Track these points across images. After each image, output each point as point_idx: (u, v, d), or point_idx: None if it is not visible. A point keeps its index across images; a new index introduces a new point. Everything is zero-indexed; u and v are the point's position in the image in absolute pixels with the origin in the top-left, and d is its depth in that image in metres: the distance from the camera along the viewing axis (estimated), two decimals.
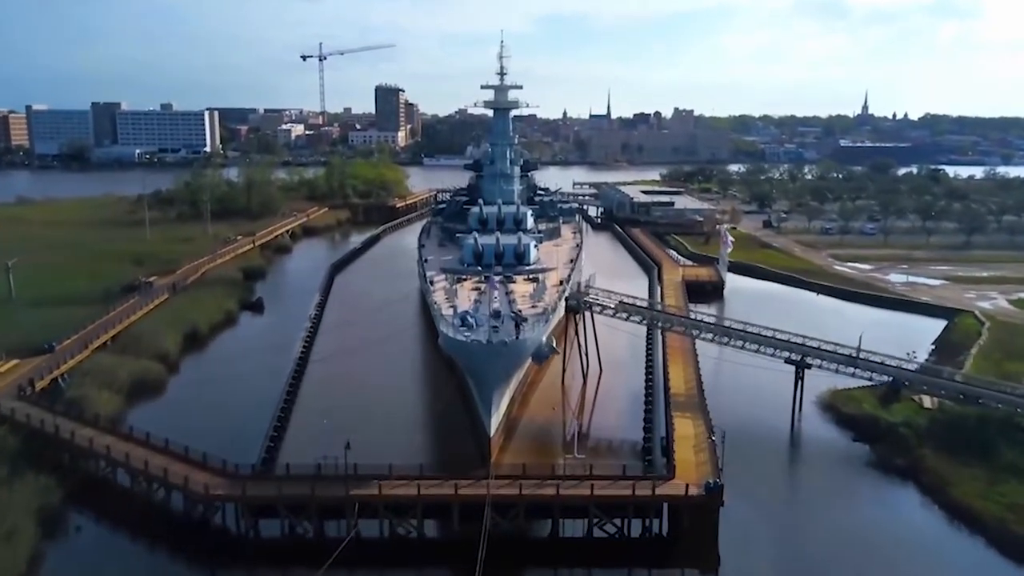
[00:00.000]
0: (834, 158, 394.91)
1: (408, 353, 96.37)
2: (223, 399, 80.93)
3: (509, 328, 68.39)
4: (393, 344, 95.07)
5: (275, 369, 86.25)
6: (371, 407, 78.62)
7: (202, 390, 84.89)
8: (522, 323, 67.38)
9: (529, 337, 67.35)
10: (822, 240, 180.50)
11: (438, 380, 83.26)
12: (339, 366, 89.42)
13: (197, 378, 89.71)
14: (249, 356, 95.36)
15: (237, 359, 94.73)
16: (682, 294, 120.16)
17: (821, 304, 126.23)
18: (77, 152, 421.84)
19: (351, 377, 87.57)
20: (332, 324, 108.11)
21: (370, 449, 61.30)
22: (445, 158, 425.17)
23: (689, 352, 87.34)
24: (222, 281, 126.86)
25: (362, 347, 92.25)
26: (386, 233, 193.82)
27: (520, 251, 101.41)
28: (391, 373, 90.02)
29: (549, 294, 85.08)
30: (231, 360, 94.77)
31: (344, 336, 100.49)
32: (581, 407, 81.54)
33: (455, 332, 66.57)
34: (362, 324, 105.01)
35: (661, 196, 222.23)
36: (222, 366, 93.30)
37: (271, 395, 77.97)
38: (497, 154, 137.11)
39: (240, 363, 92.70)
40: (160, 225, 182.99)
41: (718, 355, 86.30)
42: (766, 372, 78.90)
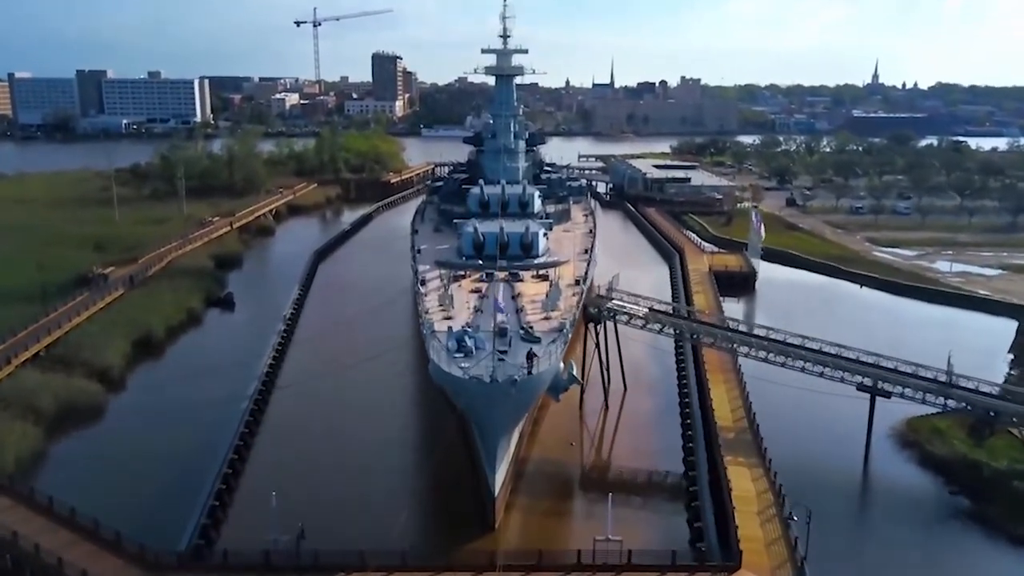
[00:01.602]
0: (847, 129, 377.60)
1: (399, 376, 78.33)
2: (162, 442, 63.41)
3: (518, 354, 54.03)
4: (381, 363, 77.52)
5: (233, 395, 70.83)
6: (345, 459, 61.74)
7: (141, 424, 68.12)
8: (535, 356, 52.53)
9: (545, 369, 52.85)
10: (853, 221, 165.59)
11: (434, 415, 65.84)
12: (310, 397, 72.13)
13: (139, 405, 73.37)
14: (207, 373, 78.57)
15: (191, 377, 78.11)
16: (711, 288, 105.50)
17: (866, 299, 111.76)
18: (61, 122, 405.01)
19: (324, 414, 70.36)
20: (309, 329, 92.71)
21: (342, 520, 47.51)
22: (444, 129, 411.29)
23: (730, 370, 72.86)
24: (189, 272, 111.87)
25: (341, 367, 76.14)
26: (379, 212, 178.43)
27: (527, 241, 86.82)
28: (375, 407, 72.81)
29: (565, 299, 70.46)
30: (184, 379, 78.30)
31: (321, 349, 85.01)
32: (602, 442, 67.26)
33: (449, 361, 51.95)
34: (345, 331, 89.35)
35: (675, 171, 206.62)
36: (172, 388, 76.59)
37: (223, 437, 62.33)
38: (499, 126, 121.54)
39: (194, 384, 76.11)
40: (133, 204, 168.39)
41: (761, 372, 69.69)
42: (824, 396, 64.62)
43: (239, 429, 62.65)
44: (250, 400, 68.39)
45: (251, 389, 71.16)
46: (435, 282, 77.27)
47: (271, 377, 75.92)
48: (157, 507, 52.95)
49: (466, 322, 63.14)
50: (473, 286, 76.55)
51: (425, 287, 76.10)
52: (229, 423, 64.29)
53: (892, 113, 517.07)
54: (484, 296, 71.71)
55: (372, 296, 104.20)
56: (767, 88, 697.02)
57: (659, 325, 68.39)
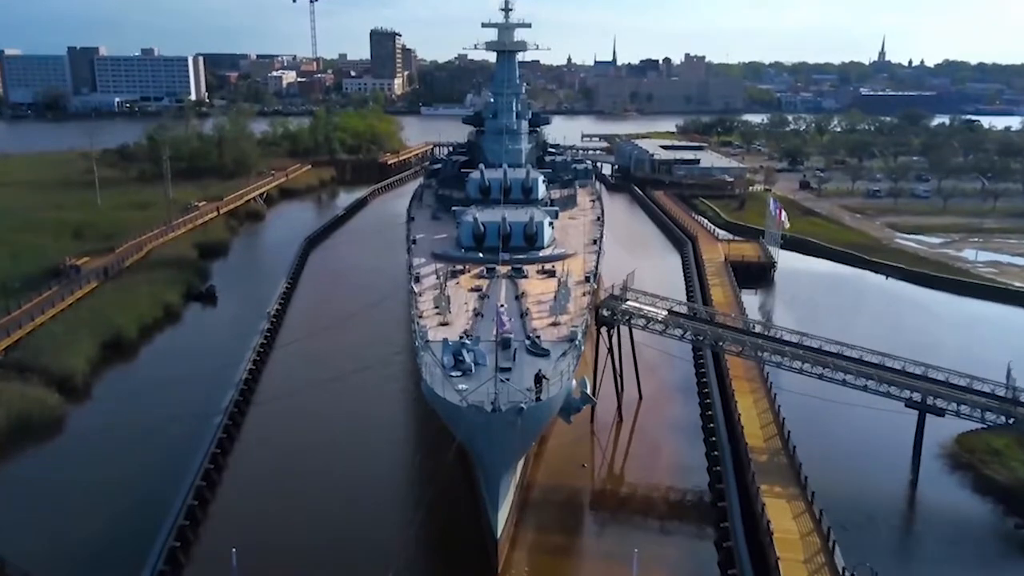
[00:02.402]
0: (856, 107, 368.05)
1: (392, 390, 69.46)
2: (122, 469, 54.60)
3: (524, 373, 46.94)
4: (372, 374, 69.73)
5: (206, 410, 62.71)
6: (329, 492, 53.19)
7: (101, 445, 59.22)
8: (544, 378, 45.39)
9: (556, 393, 45.73)
10: (871, 205, 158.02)
11: (430, 438, 55.52)
12: (291, 416, 63.94)
13: (101, 419, 64.28)
14: (180, 382, 70.58)
15: (163, 386, 69.79)
16: (730, 282, 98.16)
17: (893, 291, 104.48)
18: (52, 100, 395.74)
19: (305, 437, 61.26)
20: (295, 330, 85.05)
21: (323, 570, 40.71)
22: (444, 107, 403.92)
23: (756, 378, 65.63)
24: (169, 262, 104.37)
25: (328, 378, 68.38)
26: (375, 196, 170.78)
27: (532, 232, 79.61)
28: (364, 428, 63.86)
29: (574, 300, 63.34)
30: (155, 388, 69.97)
31: (307, 355, 77.19)
32: (616, 465, 60.25)
33: (444, 382, 44.74)
34: (334, 333, 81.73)
35: (683, 152, 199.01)
36: (140, 399, 67.87)
37: (190, 464, 54.10)
38: (501, 106, 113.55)
39: (166, 395, 67.77)
40: (118, 187, 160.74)
41: (788, 380, 62.57)
42: (860, 410, 57.69)
43: (203, 465, 53.88)
44: (219, 426, 59.73)
45: (227, 401, 63.78)
46: (431, 278, 70.02)
47: (249, 389, 68.17)
48: (104, 555, 45.98)
49: (464, 329, 56.11)
50: (473, 283, 69.50)
51: (419, 285, 68.90)
52: (198, 448, 56.68)
53: (900, 91, 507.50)
54: (485, 296, 64.69)
55: (365, 290, 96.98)
56: (772, 66, 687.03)
57: (680, 331, 61.05)
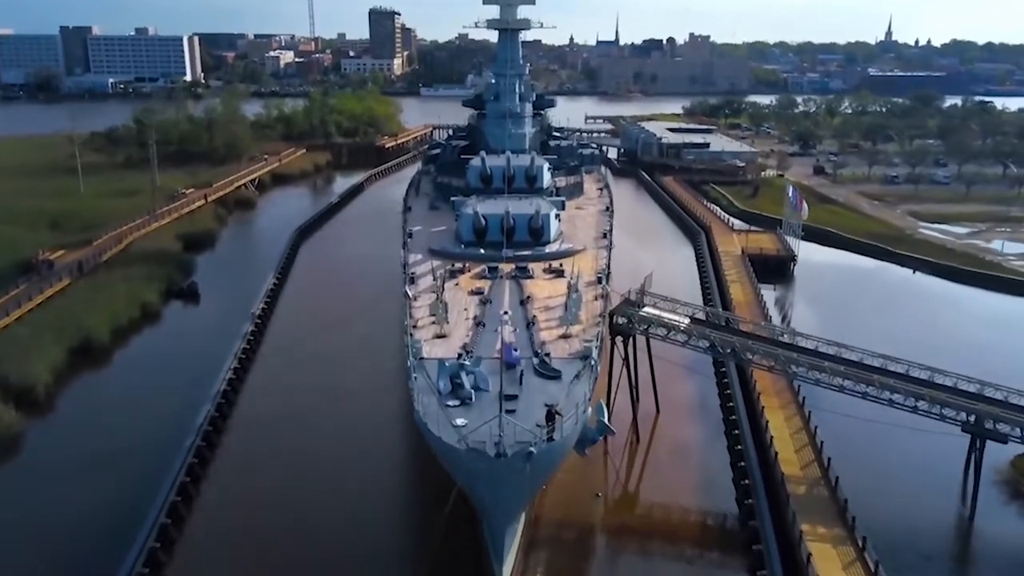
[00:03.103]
0: (864, 88, 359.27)
1: (388, 413, 59.43)
2: (79, 501, 48.64)
3: (532, 402, 40.67)
4: (365, 391, 62.99)
5: (178, 431, 55.96)
6: (309, 546, 45.22)
7: (58, 471, 52.49)
8: (558, 413, 39.03)
9: (570, 432, 39.37)
10: (889, 191, 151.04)
11: (428, 475, 46.81)
12: (271, 443, 56.15)
13: (62, 440, 57.97)
14: (152, 394, 63.54)
15: (132, 401, 62.68)
16: (749, 278, 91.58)
17: (922, 286, 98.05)
18: (44, 81, 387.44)
19: (285, 478, 52.16)
20: (282, 333, 78.58)
21: None
22: (444, 88, 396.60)
23: (785, 390, 59.41)
24: (150, 256, 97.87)
25: (316, 394, 62.01)
26: (371, 182, 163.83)
27: (537, 225, 73.24)
28: (352, 460, 54.99)
29: (586, 306, 56.98)
30: (124, 402, 62.92)
31: (294, 366, 70.05)
32: (635, 495, 53.81)
33: (439, 419, 38.29)
34: (325, 337, 75.35)
35: (692, 135, 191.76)
36: (106, 416, 60.50)
37: (155, 499, 47.55)
38: (503, 87, 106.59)
39: (134, 411, 60.54)
40: (103, 173, 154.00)
41: (818, 396, 55.60)
42: (904, 431, 51.28)
43: (168, 498, 47.32)
44: (190, 449, 53.14)
45: (201, 419, 57.39)
46: (427, 278, 63.69)
47: (227, 402, 61.56)
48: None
49: (463, 343, 49.82)
50: (473, 284, 63.15)
51: (415, 287, 62.53)
52: (164, 478, 50.10)
53: (908, 72, 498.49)
54: (487, 301, 58.37)
55: (359, 286, 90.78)
56: (776, 46, 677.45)
57: (704, 342, 54.62)
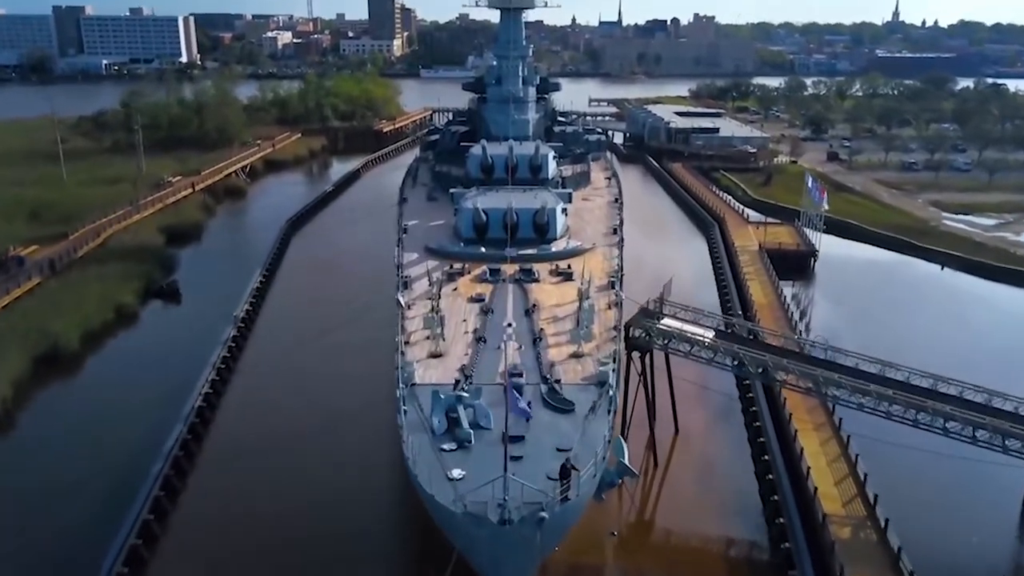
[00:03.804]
0: (872, 70, 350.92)
1: (380, 446, 50.53)
2: (35, 541, 43.24)
3: (541, 447, 34.89)
4: (353, 426, 55.40)
5: (144, 458, 49.77)
6: None
7: (10, 506, 46.72)
8: (574, 469, 33.09)
9: (586, 490, 33.41)
10: (908, 179, 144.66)
11: (422, 530, 39.55)
12: (243, 482, 49.29)
13: (17, 468, 51.49)
14: (117, 415, 57.24)
15: (96, 421, 56.54)
16: (768, 275, 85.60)
17: (952, 284, 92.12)
18: (38, 63, 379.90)
19: (257, 526, 45.18)
20: (266, 341, 72.36)
21: None
22: (445, 69, 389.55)
23: (817, 408, 53.66)
24: (129, 251, 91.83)
25: (299, 427, 55.18)
26: (368, 168, 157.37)
27: (542, 221, 67.40)
28: (337, 505, 46.71)
29: (600, 317, 51.07)
30: (88, 421, 56.75)
31: (277, 382, 63.44)
32: (655, 534, 47.90)
33: (431, 475, 32.30)
34: (313, 346, 69.43)
35: (700, 119, 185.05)
36: (67, 438, 54.54)
37: (113, 540, 41.69)
38: (505, 71, 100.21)
39: (99, 433, 54.53)
40: (89, 159, 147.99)
41: (853, 418, 47.96)
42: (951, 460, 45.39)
43: (128, 541, 41.56)
44: (157, 478, 47.25)
45: (170, 444, 51.42)
46: (422, 282, 57.74)
47: (201, 423, 55.49)
48: None
49: (462, 365, 44.06)
50: (473, 289, 57.37)
51: (409, 292, 56.69)
52: (124, 520, 44.08)
53: (916, 53, 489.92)
54: (489, 311, 52.57)
55: (352, 287, 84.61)
56: (781, 27, 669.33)
57: (732, 360, 48.64)
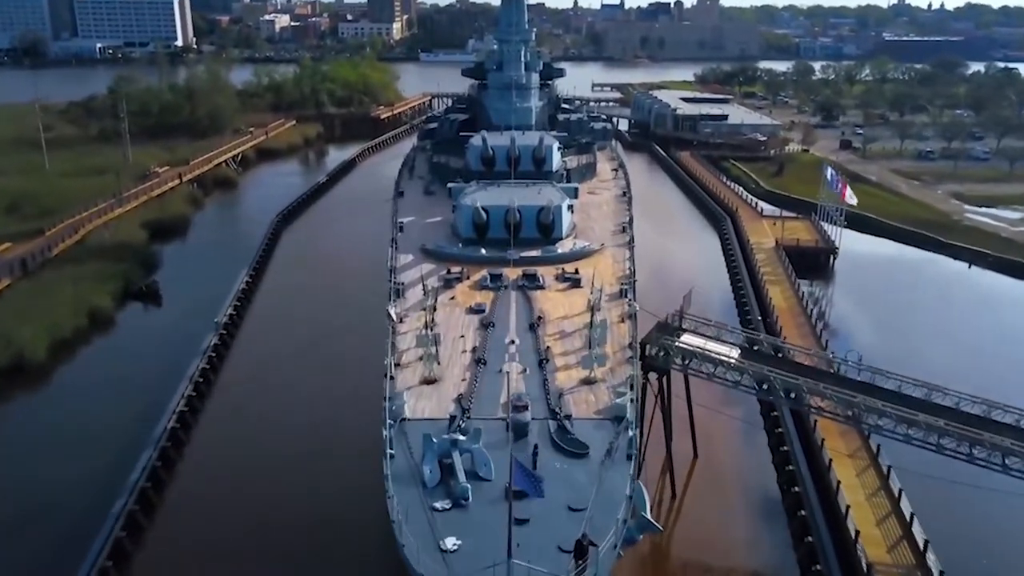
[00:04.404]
0: (879, 54, 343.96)
1: (365, 492, 41.14)
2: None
3: (551, 501, 29.92)
4: (337, 466, 49.03)
5: (113, 482, 45.29)
6: None
7: None
8: (591, 544, 27.88)
9: (606, 563, 28.42)
10: (925, 168, 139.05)
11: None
12: (219, 528, 43.73)
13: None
14: (87, 436, 52.22)
15: (60, 447, 51.31)
16: (787, 276, 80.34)
17: (982, 284, 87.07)
18: (30, 46, 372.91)
19: None
20: (249, 352, 66.80)
21: None
22: (445, 53, 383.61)
23: (849, 431, 48.48)
24: (108, 249, 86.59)
25: (276, 465, 49.38)
26: (365, 157, 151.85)
27: (547, 220, 62.38)
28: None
29: (612, 332, 45.89)
30: (52, 445, 51.66)
31: (255, 411, 56.95)
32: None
33: (419, 541, 27.27)
34: (301, 359, 64.00)
35: (708, 106, 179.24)
36: (29, 465, 49.50)
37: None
38: (507, 56, 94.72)
39: (63, 457, 49.75)
40: (75, 147, 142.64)
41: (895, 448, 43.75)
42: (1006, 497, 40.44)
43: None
44: (118, 517, 42.16)
45: (136, 476, 46.41)
46: (416, 291, 52.66)
47: (173, 447, 50.25)
48: None
49: (458, 394, 39.02)
50: (472, 298, 52.27)
51: (401, 303, 51.56)
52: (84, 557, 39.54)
53: (923, 36, 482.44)
54: (490, 324, 47.46)
55: (345, 290, 78.99)
56: (786, 9, 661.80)
57: (760, 384, 43.39)
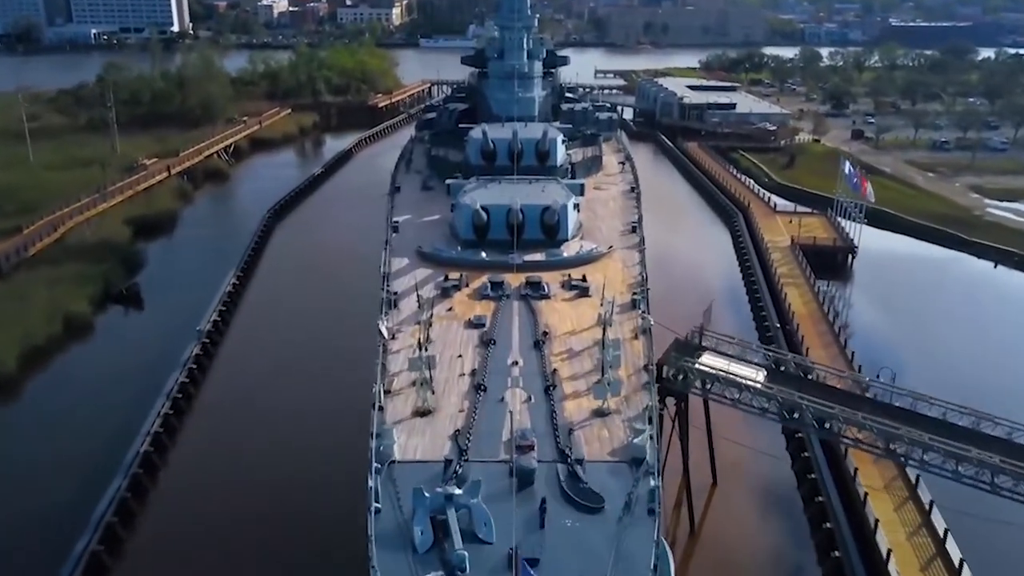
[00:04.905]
0: (887, 39, 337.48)
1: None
2: None
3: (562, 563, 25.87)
4: (317, 517, 44.27)
5: (77, 515, 41.10)
6: None
7: None
8: None
9: None
10: (941, 160, 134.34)
11: None
12: None
13: None
14: (51, 464, 47.84)
15: (22, 480, 46.85)
16: (805, 279, 75.97)
17: (1010, 285, 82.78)
18: (24, 32, 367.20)
19: None
20: (230, 371, 61.78)
21: None
22: (445, 39, 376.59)
23: (887, 463, 43.93)
24: (89, 248, 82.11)
25: (248, 524, 44.24)
26: (361, 148, 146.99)
27: (552, 221, 58.08)
28: None
29: (626, 351, 41.61)
30: (10, 478, 47.14)
31: (237, 441, 51.65)
32: None
33: None
34: (284, 386, 58.57)
35: (715, 94, 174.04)
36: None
37: None
38: (509, 42, 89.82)
39: (26, 488, 45.49)
40: (62, 137, 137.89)
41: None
42: None
43: None
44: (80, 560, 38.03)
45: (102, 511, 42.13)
46: (411, 301, 48.30)
47: (146, 474, 45.98)
48: None
49: (455, 430, 34.77)
50: (472, 310, 47.95)
51: (395, 315, 47.28)
52: None
53: (930, 21, 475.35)
54: (490, 342, 43.16)
55: (339, 295, 74.21)
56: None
57: (791, 412, 39.07)
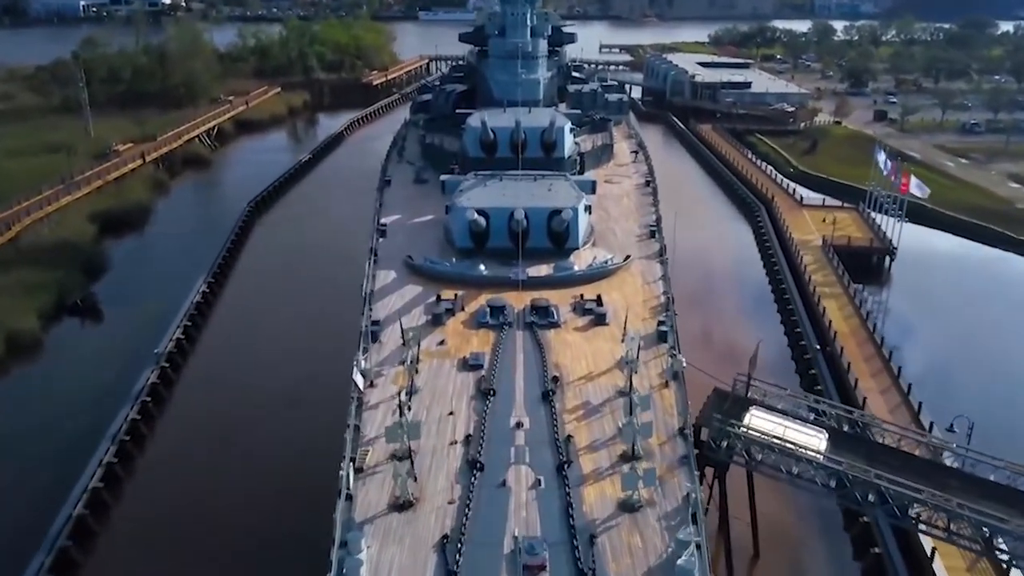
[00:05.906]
0: (901, 11, 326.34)
1: None
2: None
3: None
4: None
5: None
6: None
7: None
8: None
9: None
10: (973, 144, 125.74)
11: None
12: None
13: None
14: None
15: None
16: (842, 284, 67.69)
17: None
18: (10, 4, 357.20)
19: None
20: (190, 407, 52.99)
21: None
22: (444, 11, 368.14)
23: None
24: (46, 249, 73.57)
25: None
26: (354, 130, 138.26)
27: (560, 228, 50.14)
28: None
29: (656, 411, 33.70)
30: None
31: (185, 512, 42.58)
32: None
33: None
34: (248, 436, 49.47)
35: (728, 72, 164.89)
36: None
37: None
38: (511, 19, 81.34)
39: None
40: (34, 119, 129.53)
41: None
42: None
43: None
44: None
45: None
46: (393, 333, 40.43)
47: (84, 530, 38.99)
48: None
49: (444, 535, 26.91)
50: (467, 345, 40.06)
51: (374, 355, 39.35)
52: None
53: None
54: (489, 392, 35.25)
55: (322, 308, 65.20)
56: None
57: (865, 496, 30.94)
